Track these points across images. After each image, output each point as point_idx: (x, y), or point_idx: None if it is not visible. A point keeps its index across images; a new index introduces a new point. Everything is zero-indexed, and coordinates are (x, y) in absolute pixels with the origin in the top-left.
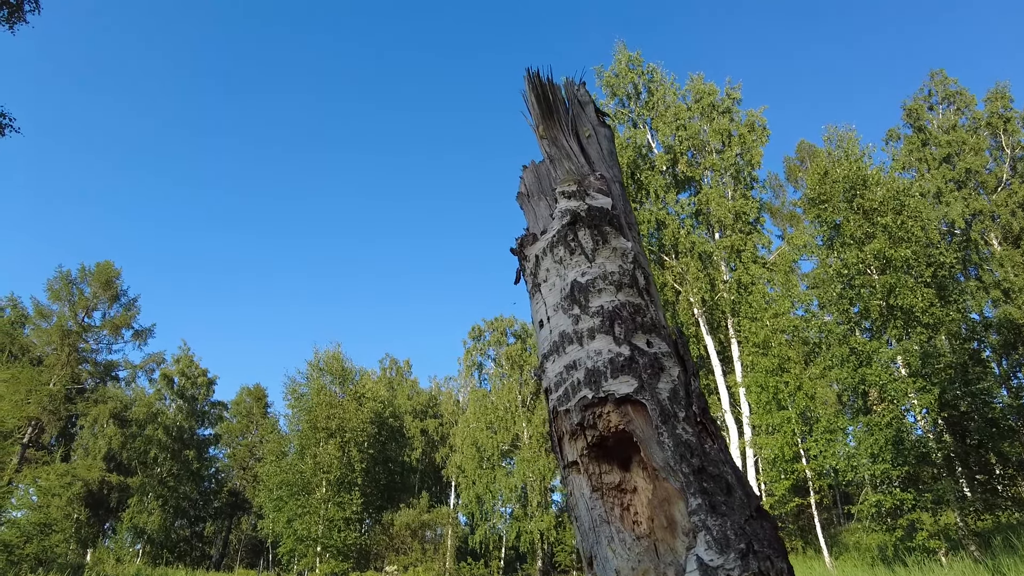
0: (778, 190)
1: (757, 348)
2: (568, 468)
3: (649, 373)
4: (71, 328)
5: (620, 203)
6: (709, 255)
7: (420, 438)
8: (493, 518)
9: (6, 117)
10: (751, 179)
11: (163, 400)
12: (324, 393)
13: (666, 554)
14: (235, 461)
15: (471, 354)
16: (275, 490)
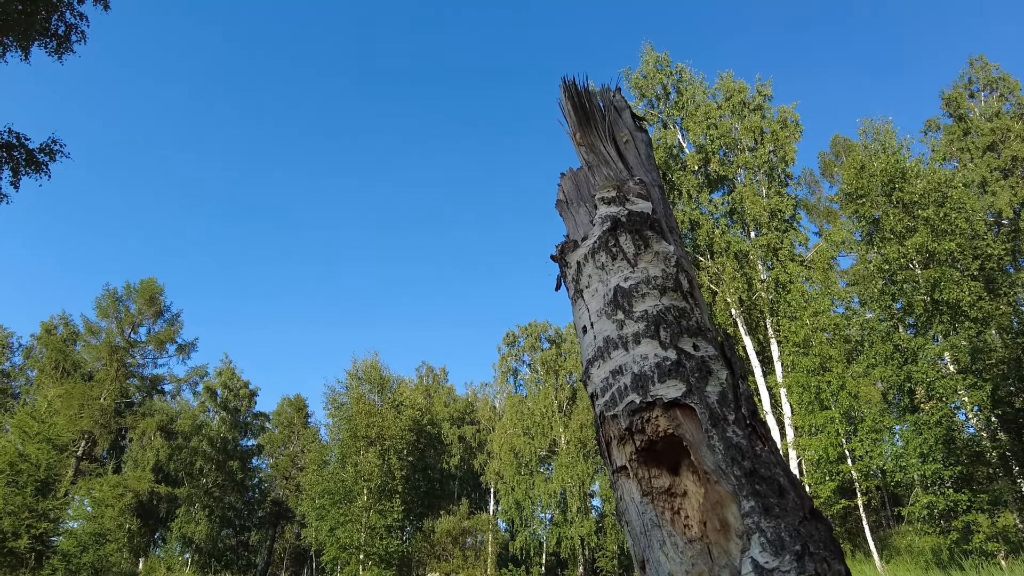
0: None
1: (797, 347)
2: (617, 473)
3: (697, 377)
4: (119, 344)
5: (660, 207)
6: (745, 254)
7: (458, 445)
8: (533, 524)
9: (57, 144)
10: (785, 176)
11: (207, 412)
12: (363, 402)
13: (720, 557)
14: (278, 471)
15: (506, 360)
16: (317, 499)
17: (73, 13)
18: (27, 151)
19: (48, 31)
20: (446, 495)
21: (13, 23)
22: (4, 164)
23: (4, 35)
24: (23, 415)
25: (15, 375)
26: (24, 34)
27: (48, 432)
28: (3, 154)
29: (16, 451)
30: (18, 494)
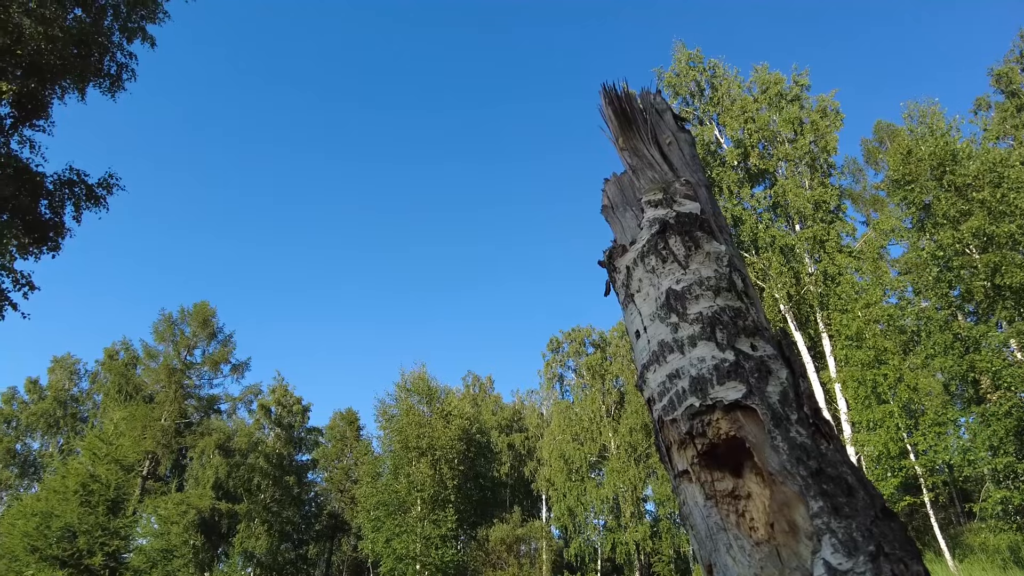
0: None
1: (850, 341)
2: (679, 478)
3: (756, 377)
4: (176, 366)
5: (709, 207)
6: (791, 248)
7: (507, 453)
8: (587, 530)
9: (113, 178)
10: (828, 166)
11: (262, 429)
12: (413, 413)
13: (790, 559)
14: (333, 484)
15: (551, 366)
16: (372, 511)
17: (123, 53)
18: (87, 186)
19: (101, 71)
20: (498, 503)
21: (69, 66)
22: (67, 200)
23: (62, 77)
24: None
25: (83, 400)
26: (80, 76)
27: (115, 453)
28: (66, 191)
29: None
30: (91, 513)
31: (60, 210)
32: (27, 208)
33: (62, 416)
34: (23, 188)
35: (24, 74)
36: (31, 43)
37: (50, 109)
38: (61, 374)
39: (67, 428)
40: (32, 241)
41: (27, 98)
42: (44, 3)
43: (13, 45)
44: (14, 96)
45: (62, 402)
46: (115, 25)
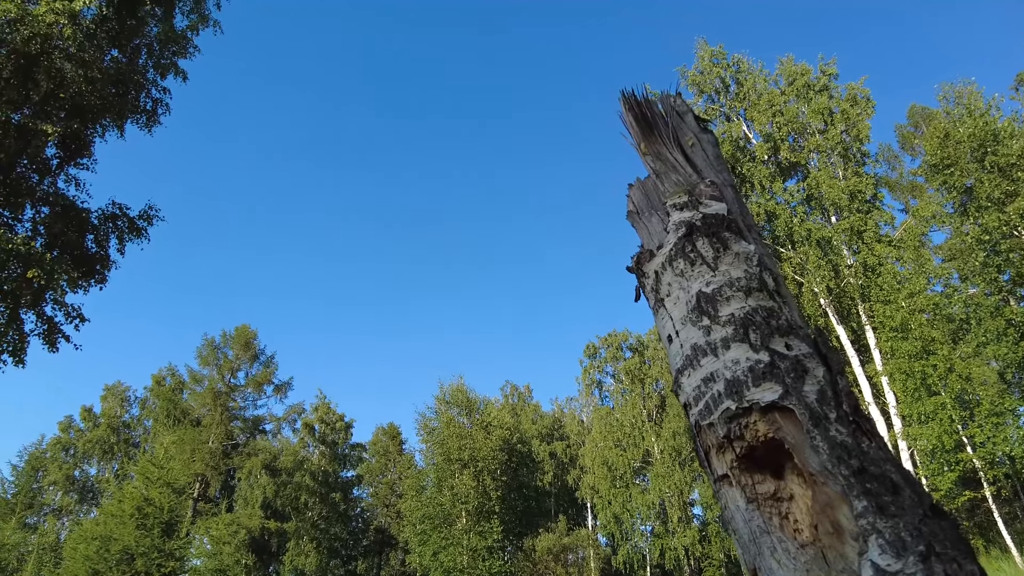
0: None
1: (895, 332)
2: (719, 482)
3: (793, 377)
4: (221, 390)
5: (735, 206)
6: (828, 240)
7: (550, 461)
8: (634, 537)
9: (153, 209)
10: (861, 155)
11: (307, 448)
12: (453, 425)
13: (836, 561)
14: (378, 499)
15: (589, 372)
16: (418, 524)
17: (158, 88)
18: (129, 219)
19: (138, 108)
20: (543, 513)
21: (109, 105)
22: (111, 234)
23: (102, 117)
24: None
25: (134, 425)
26: (119, 114)
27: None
28: (109, 224)
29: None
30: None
31: (105, 243)
32: (75, 243)
33: (116, 442)
34: (70, 224)
35: (67, 116)
36: (73, 86)
37: (92, 148)
38: (113, 402)
39: (121, 454)
40: (80, 275)
41: (71, 139)
42: (84, 47)
43: (57, 89)
44: (59, 138)
45: (115, 429)
46: (149, 63)
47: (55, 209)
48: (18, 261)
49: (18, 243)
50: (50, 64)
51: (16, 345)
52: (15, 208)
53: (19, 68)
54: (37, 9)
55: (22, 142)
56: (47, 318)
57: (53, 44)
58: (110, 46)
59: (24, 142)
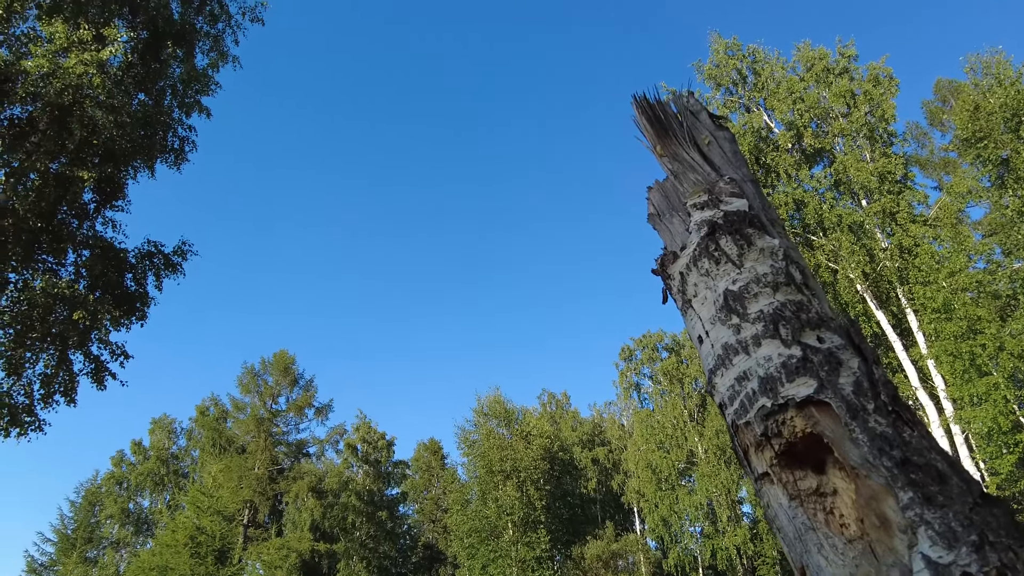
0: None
1: (937, 313)
2: (760, 480)
3: (827, 370)
4: (263, 416)
5: (757, 201)
6: (860, 225)
7: (592, 468)
8: (683, 539)
9: (187, 244)
10: (888, 135)
11: (351, 468)
12: (493, 437)
13: (885, 555)
14: (424, 515)
15: (625, 375)
16: (465, 538)
17: (183, 127)
18: (164, 256)
19: (166, 148)
20: (589, 520)
21: (138, 147)
22: (148, 271)
23: (133, 159)
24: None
25: (182, 456)
26: (149, 154)
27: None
28: (146, 262)
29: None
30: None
31: (143, 281)
32: (115, 283)
33: (166, 474)
34: (110, 265)
35: (101, 161)
36: (104, 132)
37: (126, 189)
38: (160, 434)
39: (171, 485)
40: (122, 313)
41: (106, 182)
42: (112, 94)
43: (90, 136)
44: (95, 183)
45: (164, 460)
46: (174, 103)
47: (95, 251)
48: (64, 304)
49: (63, 287)
50: (82, 113)
51: (67, 386)
52: (58, 253)
53: (54, 119)
54: (67, 62)
55: (61, 190)
56: (94, 357)
57: (84, 93)
58: (136, 90)
59: (63, 189)
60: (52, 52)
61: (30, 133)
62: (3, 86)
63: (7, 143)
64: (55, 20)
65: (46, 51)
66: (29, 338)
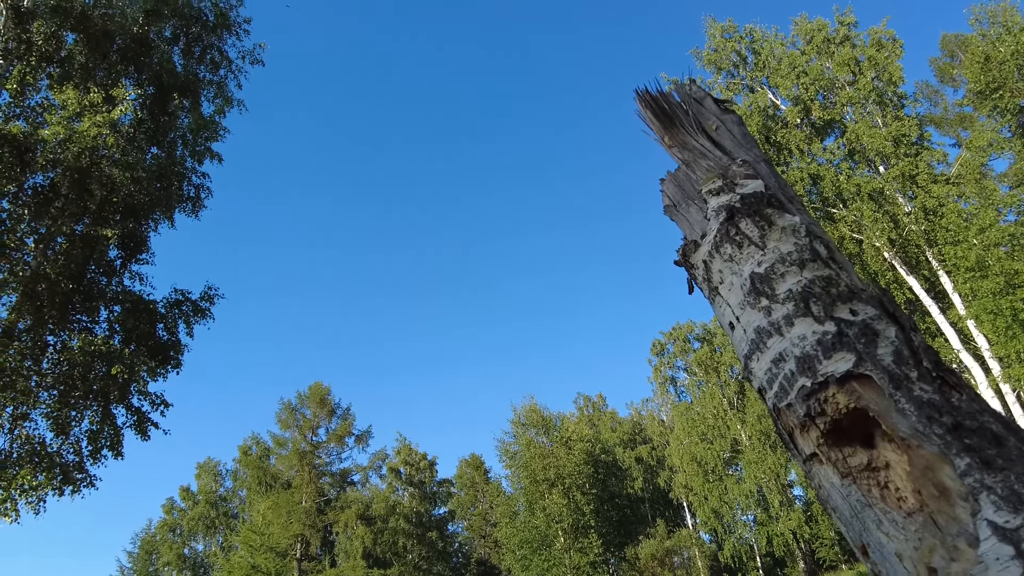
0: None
1: (972, 272)
2: (808, 462)
3: (864, 342)
4: (305, 449)
5: (772, 181)
6: (880, 191)
7: (637, 467)
8: (737, 529)
9: (213, 289)
10: (898, 98)
11: (396, 492)
12: (534, 446)
13: (948, 525)
14: (473, 532)
15: (660, 370)
16: (517, 550)
17: (197, 175)
18: (192, 303)
19: (183, 197)
20: (639, 519)
21: (156, 200)
22: (178, 320)
23: (152, 212)
24: (246, 531)
25: (230, 497)
26: (167, 205)
27: (269, 542)
28: (175, 311)
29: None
30: None
31: (174, 329)
32: (148, 335)
33: (216, 516)
34: (141, 318)
35: (122, 217)
36: (123, 189)
37: (149, 242)
38: (207, 477)
39: (223, 526)
40: (157, 363)
41: (129, 238)
42: (127, 151)
43: (109, 194)
44: (119, 239)
45: (213, 503)
46: (185, 153)
47: (125, 306)
48: (102, 360)
49: (99, 344)
50: (100, 173)
51: (113, 440)
52: (91, 312)
53: (75, 183)
54: (81, 126)
55: (88, 250)
56: (135, 409)
57: (100, 154)
58: (149, 144)
59: (89, 249)
60: (66, 118)
61: (53, 199)
62: (24, 157)
63: (33, 211)
64: (66, 87)
65: (60, 118)
66: (72, 397)
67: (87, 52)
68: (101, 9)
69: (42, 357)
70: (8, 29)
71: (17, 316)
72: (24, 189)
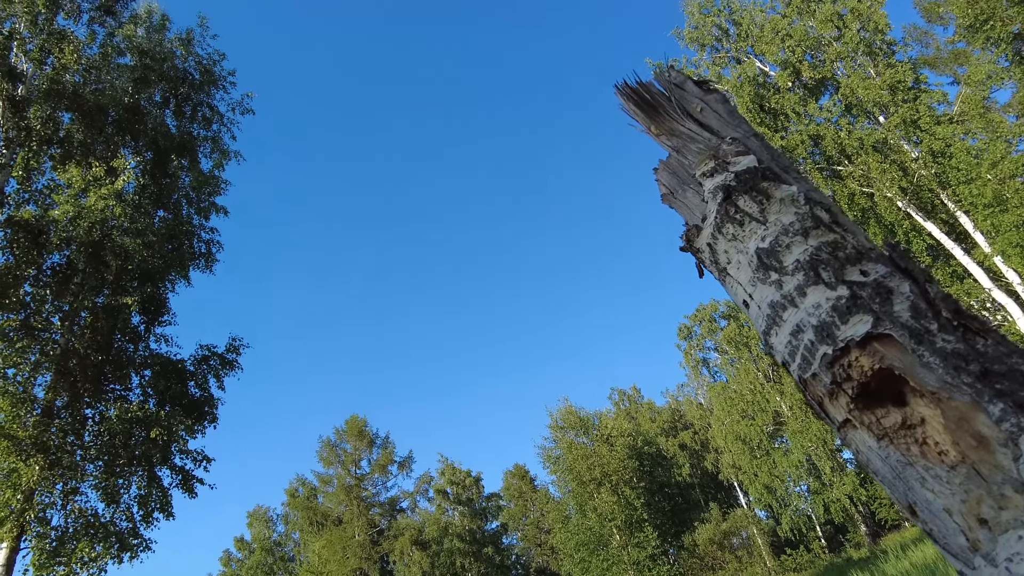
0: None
1: (991, 208)
2: (843, 428)
3: (879, 301)
4: (350, 484)
5: (764, 154)
6: (883, 142)
7: (681, 454)
8: (792, 501)
9: (238, 340)
10: (887, 45)
11: (446, 513)
12: (575, 448)
13: (992, 473)
14: (529, 541)
15: (690, 354)
16: (575, 554)
17: (205, 230)
18: (219, 357)
19: (195, 254)
20: (692, 505)
21: (170, 261)
22: (208, 375)
23: (168, 274)
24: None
25: (284, 541)
26: (180, 265)
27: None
28: (204, 367)
29: None
30: None
31: (205, 385)
32: (180, 394)
33: (273, 562)
34: (171, 378)
35: (140, 283)
36: (136, 255)
37: (168, 304)
38: (259, 525)
39: (281, 571)
40: (194, 420)
41: (148, 302)
42: (135, 219)
43: (124, 263)
44: (139, 305)
45: (268, 550)
46: (191, 210)
47: (155, 369)
48: (140, 426)
49: (135, 410)
50: (112, 244)
51: (162, 501)
52: (123, 380)
53: (90, 256)
54: (88, 201)
55: (111, 320)
56: (179, 468)
57: (110, 225)
58: (155, 208)
59: (113, 319)
60: (73, 196)
61: (72, 275)
62: (39, 239)
63: (55, 290)
64: (69, 165)
65: (67, 196)
66: (117, 465)
67: (84, 129)
68: (92, 85)
69: (83, 431)
70: (7, 119)
71: (54, 394)
72: (43, 270)
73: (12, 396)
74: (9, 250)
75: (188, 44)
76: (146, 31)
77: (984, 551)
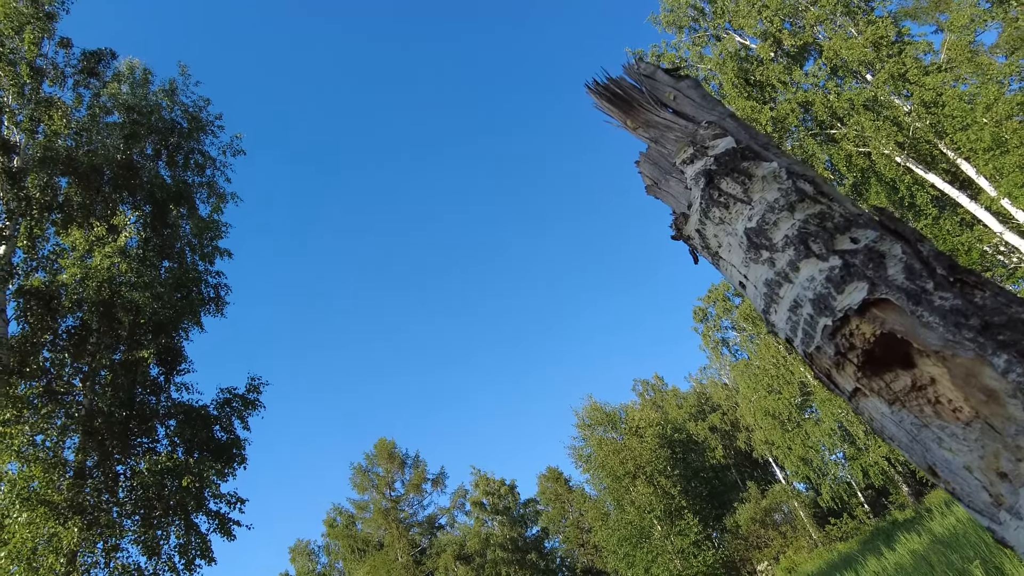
0: None
1: (991, 151)
2: (854, 397)
3: (872, 267)
4: (386, 507)
5: (742, 134)
6: (874, 99)
7: (712, 436)
8: (830, 470)
9: (257, 379)
10: (865, 2)
11: (485, 524)
12: (605, 443)
13: (1006, 425)
14: (571, 543)
15: (708, 336)
16: (619, 550)
17: (212, 275)
18: (240, 398)
19: (204, 300)
20: (729, 487)
21: (181, 310)
22: (232, 417)
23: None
24: None
25: (328, 572)
26: (191, 311)
27: None
28: (227, 409)
29: None
30: None
31: (230, 428)
32: (206, 439)
33: None
34: (196, 425)
35: (154, 335)
36: (146, 308)
37: (184, 352)
38: (302, 559)
39: None
40: (223, 464)
41: (165, 353)
42: (141, 273)
43: (136, 317)
44: (155, 357)
45: None
46: (195, 257)
47: (179, 418)
48: (171, 475)
49: (164, 461)
50: (122, 300)
51: (202, 548)
52: (149, 432)
53: (102, 315)
54: (93, 262)
55: (131, 375)
56: (214, 513)
57: (117, 282)
58: (159, 259)
59: (132, 374)
60: (78, 258)
61: (87, 336)
62: (51, 304)
63: (72, 353)
64: (71, 229)
65: (73, 259)
66: (154, 517)
67: (81, 191)
68: (84, 147)
69: (116, 487)
70: (6, 192)
71: (84, 455)
72: (59, 334)
73: (43, 462)
74: (24, 319)
75: (172, 95)
76: (130, 87)
77: (1008, 505)
